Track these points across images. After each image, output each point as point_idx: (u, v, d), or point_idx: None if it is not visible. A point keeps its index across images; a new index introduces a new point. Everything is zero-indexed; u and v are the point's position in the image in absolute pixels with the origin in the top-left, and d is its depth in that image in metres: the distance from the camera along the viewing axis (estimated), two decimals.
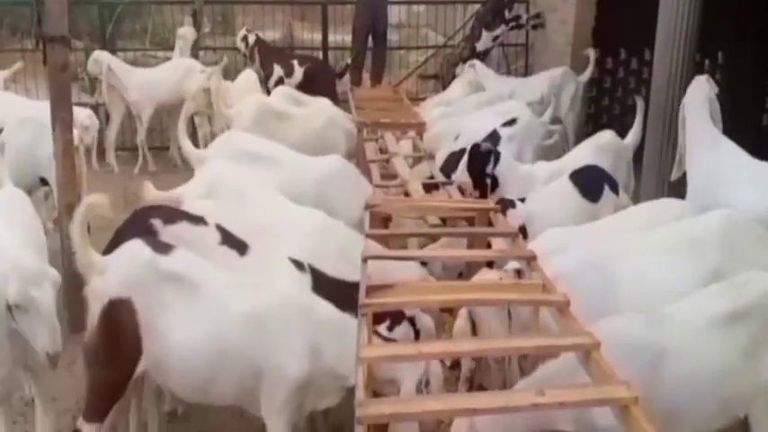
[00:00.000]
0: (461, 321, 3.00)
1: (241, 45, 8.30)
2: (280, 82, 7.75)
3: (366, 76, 8.84)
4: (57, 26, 4.12)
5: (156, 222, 2.96)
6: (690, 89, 4.14)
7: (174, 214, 3.05)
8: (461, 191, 4.11)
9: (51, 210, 5.07)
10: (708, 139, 3.94)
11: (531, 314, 2.56)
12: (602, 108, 8.09)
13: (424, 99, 7.61)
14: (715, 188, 3.75)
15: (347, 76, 8.47)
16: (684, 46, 5.20)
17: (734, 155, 3.89)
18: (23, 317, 2.65)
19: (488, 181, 4.25)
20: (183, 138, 4.48)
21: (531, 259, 2.69)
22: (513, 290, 2.52)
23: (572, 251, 3.09)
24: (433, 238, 3.75)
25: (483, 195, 4.11)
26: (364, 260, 2.71)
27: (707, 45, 6.41)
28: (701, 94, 4.02)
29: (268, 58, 8.24)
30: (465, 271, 3.68)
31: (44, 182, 5.07)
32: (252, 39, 8.27)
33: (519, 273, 2.81)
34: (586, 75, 7.15)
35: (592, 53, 7.17)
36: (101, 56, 7.36)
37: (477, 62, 7.41)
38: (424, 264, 3.64)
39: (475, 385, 3.07)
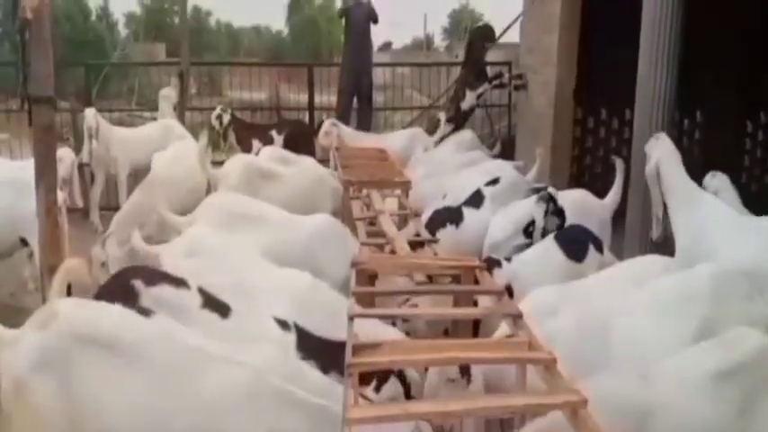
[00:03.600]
0: (433, 375, 2.95)
1: (215, 123, 7.99)
2: None
3: None
4: (43, 87, 4.12)
5: (138, 284, 2.91)
6: (657, 148, 4.13)
7: (155, 276, 3.01)
8: None
9: (34, 269, 5.01)
10: (689, 195, 3.96)
11: (518, 373, 2.53)
12: (584, 167, 8.23)
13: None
14: (702, 244, 3.75)
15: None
16: (663, 105, 5.31)
17: (717, 209, 3.91)
18: None
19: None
20: (164, 211, 4.45)
21: (517, 317, 2.67)
22: (500, 348, 2.49)
23: (562, 312, 3.09)
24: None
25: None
26: (350, 318, 2.68)
27: (685, 104, 6.57)
28: (672, 152, 4.07)
29: (245, 134, 8.02)
30: (450, 329, 3.66)
31: (24, 242, 5.04)
32: (226, 118, 8.00)
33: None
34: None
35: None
36: (96, 112, 7.38)
37: (338, 123, 7.46)
38: (405, 321, 3.64)
39: None
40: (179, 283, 3.00)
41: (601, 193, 5.71)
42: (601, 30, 7.42)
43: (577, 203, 4.71)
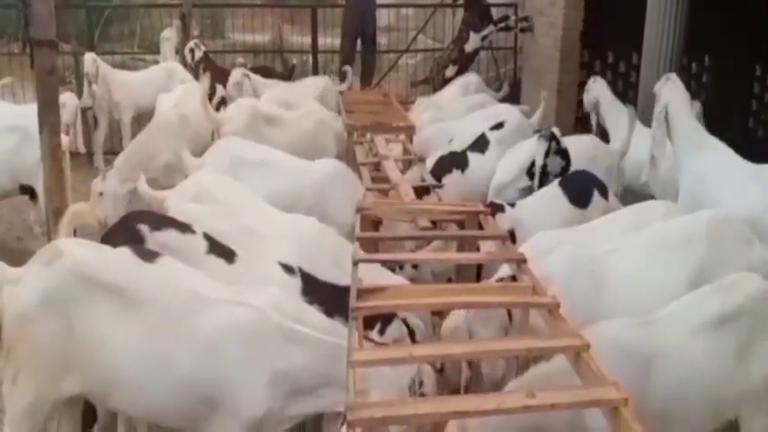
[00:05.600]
0: (450, 321, 3.00)
1: (188, 56, 7.78)
2: (222, 103, 7.21)
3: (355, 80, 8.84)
4: (44, 30, 4.07)
5: (144, 228, 2.93)
6: (667, 89, 4.09)
7: (161, 221, 3.03)
8: None
9: (39, 213, 5.03)
10: (697, 140, 3.97)
11: (522, 317, 2.57)
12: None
13: (414, 102, 7.61)
14: (705, 190, 3.79)
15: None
16: (671, 49, 5.26)
17: (723, 156, 3.92)
18: None
19: None
20: (182, 149, 4.45)
21: (521, 262, 2.69)
22: (503, 292, 2.51)
23: (560, 252, 3.11)
24: (424, 242, 3.76)
25: None
26: (355, 263, 2.71)
27: (693, 48, 6.47)
28: (682, 95, 4.05)
29: (213, 76, 7.55)
30: (454, 277, 3.69)
31: (23, 189, 5.04)
32: (198, 54, 7.75)
33: (514, 279, 2.82)
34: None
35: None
36: (96, 57, 7.29)
37: (249, 73, 7.10)
38: (414, 267, 3.66)
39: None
40: (184, 228, 3.03)
41: (606, 137, 5.70)
42: None
43: (585, 149, 4.68)
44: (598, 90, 6.06)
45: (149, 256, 2.62)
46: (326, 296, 3.02)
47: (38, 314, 2.38)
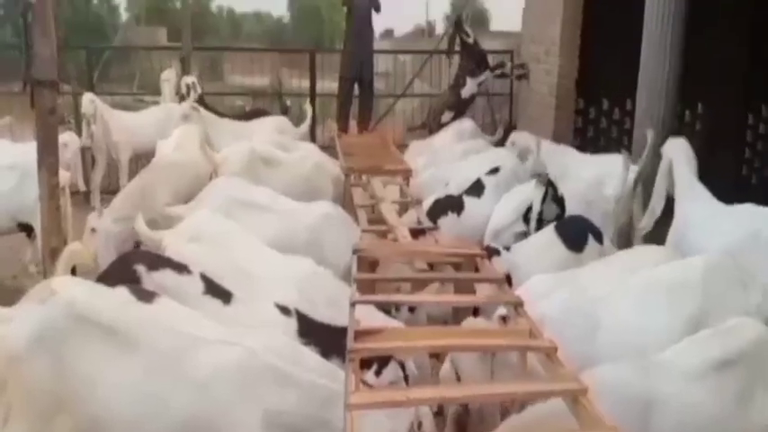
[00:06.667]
0: (448, 365, 2.98)
1: (183, 90, 7.84)
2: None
3: (353, 124, 8.94)
4: (46, 70, 4.12)
5: (140, 269, 2.93)
6: (673, 148, 4.45)
7: (158, 261, 3.02)
8: None
9: (35, 252, 5.02)
10: (694, 194, 4.24)
11: (519, 360, 2.55)
12: None
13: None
14: (686, 232, 4.06)
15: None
16: (665, 97, 5.32)
17: (706, 202, 4.20)
18: None
19: None
20: (161, 206, 4.46)
21: (518, 305, 2.69)
22: (501, 335, 2.52)
23: (555, 296, 3.12)
24: (421, 284, 3.75)
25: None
26: (352, 304, 2.70)
27: (686, 96, 6.57)
28: (687, 153, 4.40)
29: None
30: (451, 320, 3.67)
31: (21, 227, 5.04)
32: (194, 95, 7.80)
33: (504, 320, 2.81)
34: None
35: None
36: (94, 97, 7.36)
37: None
38: (411, 310, 3.65)
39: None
40: (181, 268, 3.02)
41: None
42: (603, 21, 7.42)
43: (581, 194, 4.71)
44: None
45: (146, 296, 2.61)
46: (323, 337, 3.00)
47: (29, 353, 2.35)
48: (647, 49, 5.30)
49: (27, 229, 4.89)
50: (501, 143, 7.52)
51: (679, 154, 4.41)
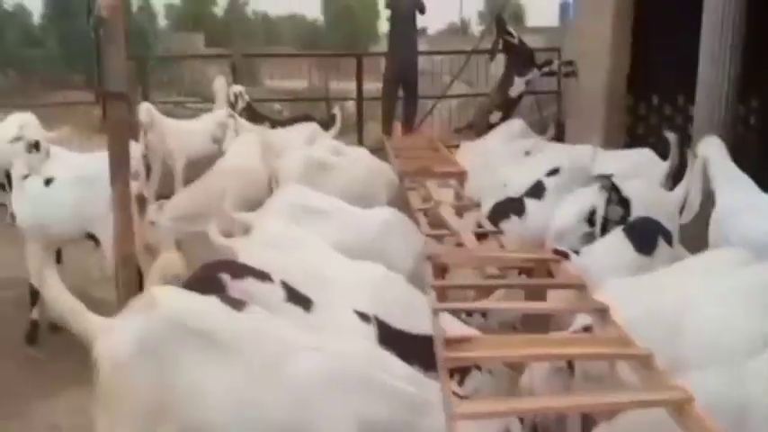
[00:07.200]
0: (527, 377, 2.97)
1: (231, 99, 8.00)
2: None
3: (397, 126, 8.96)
4: (117, 82, 4.21)
5: (225, 277, 2.97)
6: (707, 146, 4.67)
7: (241, 270, 3.06)
8: None
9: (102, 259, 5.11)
10: (737, 184, 4.45)
11: (610, 369, 2.54)
12: None
13: (457, 146, 7.65)
14: (730, 222, 4.22)
15: None
16: (726, 92, 5.25)
17: (750, 190, 4.41)
18: None
19: None
20: (230, 210, 4.52)
21: (604, 312, 2.68)
22: (592, 344, 2.50)
23: (636, 301, 3.08)
24: (487, 290, 3.74)
25: None
26: (434, 312, 2.72)
27: (742, 91, 6.47)
28: (722, 149, 4.64)
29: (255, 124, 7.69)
30: (519, 326, 3.66)
31: (88, 235, 5.16)
32: (242, 103, 7.99)
33: (587, 329, 2.80)
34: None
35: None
36: (150, 106, 7.50)
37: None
38: (483, 316, 3.64)
39: None
40: (263, 276, 3.06)
41: None
42: (653, 13, 7.33)
43: (643, 195, 4.66)
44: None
45: (237, 304, 2.65)
46: (402, 345, 3.01)
47: (134, 363, 2.41)
48: (706, 46, 5.24)
49: (94, 237, 4.99)
50: (554, 142, 7.48)
51: (714, 150, 4.64)
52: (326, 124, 7.99)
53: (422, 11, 9.20)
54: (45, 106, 9.25)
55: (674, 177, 5.44)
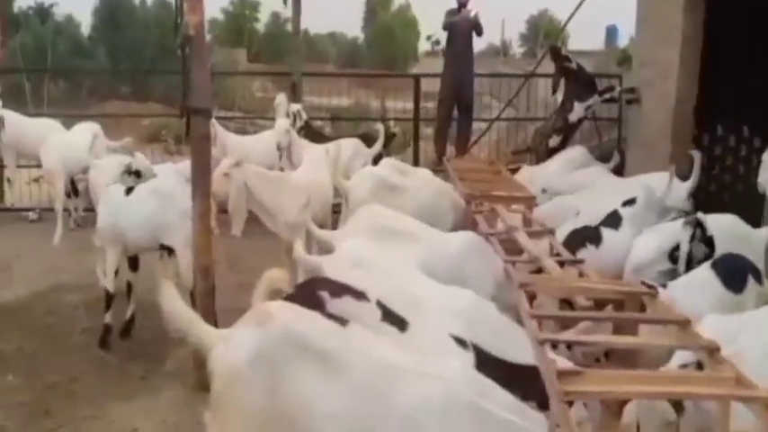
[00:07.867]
0: (627, 417, 2.89)
1: (290, 118, 8.11)
2: None
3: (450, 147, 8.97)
4: (201, 99, 4.29)
5: (324, 295, 2.96)
6: None
7: (339, 288, 3.05)
8: None
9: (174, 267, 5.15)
10: None
11: (723, 410, 2.45)
12: (699, 185, 7.98)
13: (516, 170, 7.59)
14: None
15: None
16: None
17: None
18: None
19: None
20: (310, 224, 4.55)
21: (714, 350, 2.60)
22: (705, 383, 2.42)
23: (741, 340, 2.99)
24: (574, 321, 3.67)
25: None
26: (541, 343, 2.66)
27: None
28: None
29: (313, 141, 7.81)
30: (603, 359, 3.58)
31: (162, 245, 5.20)
32: (299, 122, 8.13)
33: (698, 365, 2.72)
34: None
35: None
36: (213, 121, 7.59)
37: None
38: (569, 347, 3.57)
39: None
40: (360, 295, 3.04)
41: (716, 210, 5.47)
42: (722, 43, 7.24)
43: (728, 230, 4.56)
44: None
45: (342, 322, 2.64)
46: (499, 372, 2.96)
47: (249, 373, 2.41)
48: None
49: (168, 247, 5.04)
50: (618, 170, 7.40)
51: None
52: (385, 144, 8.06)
53: (479, 33, 9.22)
54: (105, 116, 9.43)
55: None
